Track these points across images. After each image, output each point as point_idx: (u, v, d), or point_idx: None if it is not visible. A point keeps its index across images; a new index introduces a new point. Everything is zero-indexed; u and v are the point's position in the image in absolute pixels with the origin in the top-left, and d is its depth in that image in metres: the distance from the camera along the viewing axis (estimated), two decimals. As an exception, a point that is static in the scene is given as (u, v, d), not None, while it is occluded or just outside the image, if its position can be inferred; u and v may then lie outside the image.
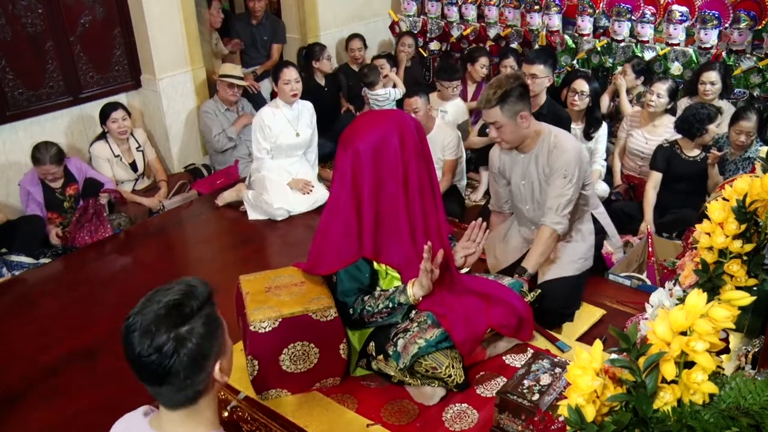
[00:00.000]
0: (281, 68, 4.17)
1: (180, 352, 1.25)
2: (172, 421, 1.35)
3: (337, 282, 2.38)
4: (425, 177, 2.33)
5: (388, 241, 2.32)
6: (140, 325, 1.26)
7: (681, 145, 3.93)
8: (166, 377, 1.26)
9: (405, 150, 2.25)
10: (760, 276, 1.54)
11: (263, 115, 4.15)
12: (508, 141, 2.77)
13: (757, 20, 4.51)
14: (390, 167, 2.25)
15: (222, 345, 1.34)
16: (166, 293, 1.30)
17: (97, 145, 4.37)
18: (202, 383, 1.31)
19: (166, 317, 1.26)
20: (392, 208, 2.29)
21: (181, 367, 1.25)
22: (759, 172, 1.80)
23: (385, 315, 2.31)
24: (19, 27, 4.08)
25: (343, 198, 2.29)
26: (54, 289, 3.54)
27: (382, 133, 2.25)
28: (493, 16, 5.60)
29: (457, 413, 2.31)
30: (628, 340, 1.20)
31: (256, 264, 3.66)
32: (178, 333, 1.25)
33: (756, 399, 1.17)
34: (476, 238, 2.40)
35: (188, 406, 1.33)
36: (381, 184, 2.27)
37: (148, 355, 1.24)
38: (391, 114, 2.40)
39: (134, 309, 1.30)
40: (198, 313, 1.28)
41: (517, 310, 2.46)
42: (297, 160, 4.30)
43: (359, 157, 2.23)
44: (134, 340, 1.26)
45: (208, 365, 1.30)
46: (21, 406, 2.63)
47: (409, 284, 2.28)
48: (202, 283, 1.33)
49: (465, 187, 4.49)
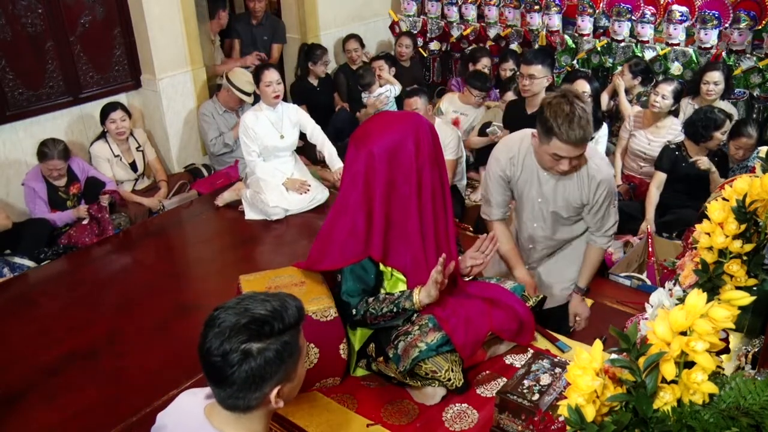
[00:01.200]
0: (262, 70, 4.16)
1: (242, 365, 1.25)
2: (222, 418, 1.36)
3: (342, 281, 2.37)
4: (437, 182, 2.32)
5: (397, 244, 2.32)
6: (220, 324, 1.27)
7: (687, 147, 3.92)
8: (222, 382, 1.28)
9: (420, 155, 2.24)
10: (760, 276, 1.54)
11: (246, 119, 4.16)
12: (575, 169, 2.59)
13: (757, 20, 4.51)
14: (404, 171, 2.24)
15: (290, 372, 1.34)
16: (258, 303, 1.30)
17: (97, 144, 4.38)
18: (255, 400, 1.31)
19: (244, 328, 1.26)
20: (404, 211, 2.28)
21: (239, 380, 1.26)
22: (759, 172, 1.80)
23: (389, 318, 2.30)
24: (19, 27, 4.08)
25: (354, 198, 2.27)
26: (54, 289, 3.54)
27: (398, 137, 2.24)
28: (493, 16, 5.60)
29: (457, 413, 2.30)
30: (628, 340, 1.20)
31: (256, 264, 3.67)
32: (249, 348, 1.26)
33: (756, 399, 1.17)
34: (485, 250, 2.39)
35: (239, 413, 1.34)
36: (394, 186, 2.26)
37: (214, 356, 1.26)
38: (407, 117, 2.38)
39: (226, 304, 1.31)
40: (277, 335, 1.28)
41: (518, 314, 2.46)
42: (288, 160, 4.30)
43: (374, 159, 2.22)
44: (209, 336, 1.28)
45: (266, 387, 1.30)
46: (21, 406, 2.63)
47: (416, 291, 2.26)
48: (297, 308, 1.34)
49: (465, 187, 4.49)
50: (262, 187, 4.12)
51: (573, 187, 2.65)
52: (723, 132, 3.82)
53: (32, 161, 4.12)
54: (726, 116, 3.85)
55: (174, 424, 1.44)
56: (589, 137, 2.45)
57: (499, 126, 4.40)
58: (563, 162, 2.48)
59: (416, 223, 2.29)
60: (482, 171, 4.67)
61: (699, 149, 3.87)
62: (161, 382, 2.62)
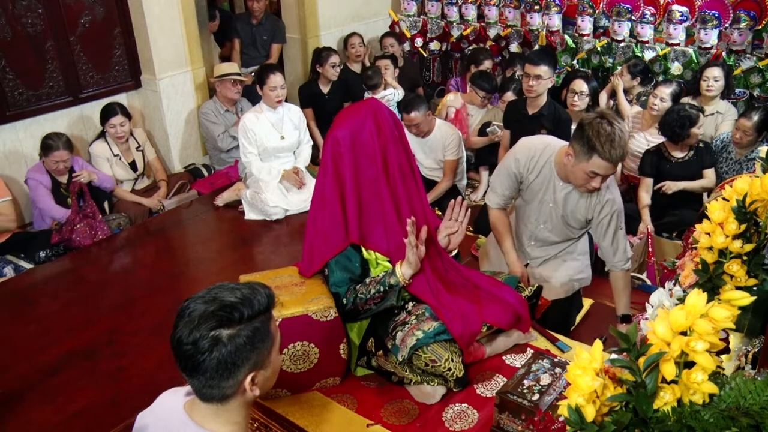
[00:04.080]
0: (267, 74, 4.15)
1: (213, 352, 1.26)
2: (201, 411, 1.37)
3: (329, 274, 2.39)
4: (404, 160, 2.37)
5: (374, 226, 2.35)
6: (189, 313, 1.28)
7: (668, 148, 3.94)
8: (194, 371, 1.29)
9: (381, 134, 2.30)
10: (760, 276, 1.54)
11: (246, 120, 4.17)
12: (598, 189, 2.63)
13: (757, 20, 4.51)
14: (368, 151, 2.30)
15: (263, 359, 1.34)
16: (228, 291, 1.31)
17: (96, 144, 4.38)
18: (229, 388, 1.31)
19: (213, 315, 1.27)
20: (375, 192, 2.33)
21: (210, 367, 1.27)
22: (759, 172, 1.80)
23: (378, 300, 2.31)
24: (19, 27, 4.08)
25: (327, 187, 2.34)
26: (54, 289, 3.54)
27: (357, 120, 2.31)
28: (493, 16, 5.60)
29: (457, 413, 2.30)
30: (628, 340, 1.20)
31: (256, 264, 3.67)
32: (218, 334, 1.26)
33: (756, 399, 1.17)
34: (458, 217, 2.39)
35: (216, 404, 1.34)
36: (360, 168, 2.31)
37: (184, 344, 1.27)
38: (366, 102, 2.45)
39: (195, 295, 1.32)
40: (247, 321, 1.29)
41: (513, 307, 2.46)
42: (287, 161, 4.31)
43: (338, 143, 2.30)
44: (179, 325, 1.29)
45: (239, 374, 1.30)
46: (21, 406, 2.63)
47: (398, 265, 2.28)
48: (266, 294, 1.34)
49: (465, 187, 4.49)
50: (262, 187, 4.13)
51: (584, 201, 2.71)
52: (699, 126, 3.84)
53: (32, 161, 4.12)
54: (699, 110, 3.87)
55: (155, 422, 1.44)
56: (626, 156, 2.46)
57: (499, 126, 4.40)
58: (597, 179, 2.55)
59: (389, 202, 2.33)
60: (482, 171, 4.68)
61: (679, 147, 3.90)
62: (160, 382, 2.59)
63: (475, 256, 3.60)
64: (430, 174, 4.27)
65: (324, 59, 5.23)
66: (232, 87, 4.71)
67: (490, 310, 2.42)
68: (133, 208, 4.34)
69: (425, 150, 4.22)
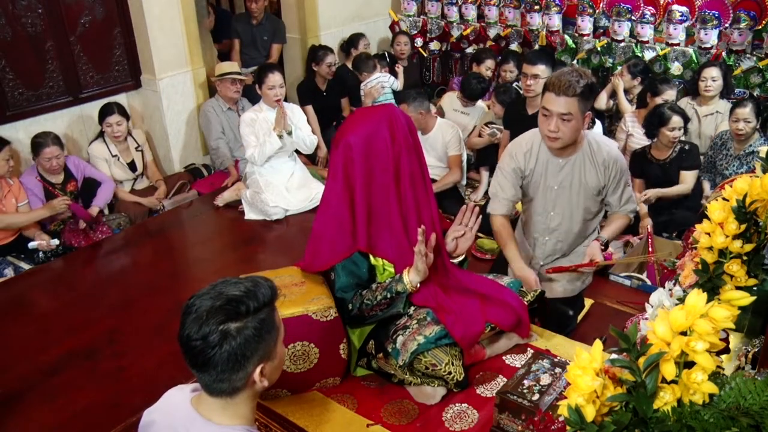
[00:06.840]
0: (266, 73, 4.17)
1: (223, 345, 1.28)
2: (209, 406, 1.38)
3: (335, 278, 2.38)
4: (417, 169, 2.33)
5: (382, 233, 2.32)
6: (196, 310, 1.30)
7: (651, 149, 3.95)
8: (205, 366, 1.30)
9: (395, 142, 2.26)
10: (760, 276, 1.54)
11: (245, 118, 4.18)
12: (565, 139, 2.57)
13: (757, 20, 4.51)
14: (381, 159, 2.26)
15: (270, 350, 1.36)
16: (231, 286, 1.33)
17: (95, 144, 4.38)
18: (239, 381, 1.34)
19: (220, 309, 1.29)
20: (384, 200, 2.30)
21: (221, 360, 1.29)
22: (759, 172, 1.80)
23: (384, 307, 2.30)
24: (19, 27, 4.08)
25: (336, 192, 2.30)
26: (54, 289, 3.54)
27: (372, 126, 2.26)
28: (493, 16, 5.61)
29: (457, 413, 2.30)
30: (628, 340, 1.20)
31: (256, 264, 3.67)
32: (227, 328, 1.28)
33: (756, 399, 1.17)
34: (468, 222, 2.39)
35: (225, 397, 1.36)
36: (372, 176, 2.27)
37: (194, 340, 1.28)
38: (381, 108, 2.41)
39: (198, 292, 1.34)
40: (253, 314, 1.31)
41: (514, 310, 2.46)
42: (287, 160, 4.31)
43: (350, 149, 2.25)
44: (187, 322, 1.30)
45: (248, 366, 1.33)
46: (21, 406, 2.63)
47: (405, 272, 2.27)
48: (269, 287, 1.36)
49: (465, 187, 4.49)
50: (262, 187, 4.12)
51: (588, 171, 2.70)
52: (671, 128, 3.79)
53: (32, 161, 4.12)
54: (681, 114, 3.82)
55: (162, 418, 1.46)
56: (574, 94, 2.48)
57: (498, 127, 4.40)
58: (551, 120, 2.53)
59: (397, 211, 2.30)
60: (482, 171, 4.67)
61: (661, 147, 3.90)
62: (160, 382, 2.60)
63: (476, 257, 3.60)
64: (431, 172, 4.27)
65: (320, 58, 5.24)
66: (231, 86, 4.71)
67: (492, 310, 2.42)
68: (133, 208, 4.35)
69: (426, 148, 4.21)
